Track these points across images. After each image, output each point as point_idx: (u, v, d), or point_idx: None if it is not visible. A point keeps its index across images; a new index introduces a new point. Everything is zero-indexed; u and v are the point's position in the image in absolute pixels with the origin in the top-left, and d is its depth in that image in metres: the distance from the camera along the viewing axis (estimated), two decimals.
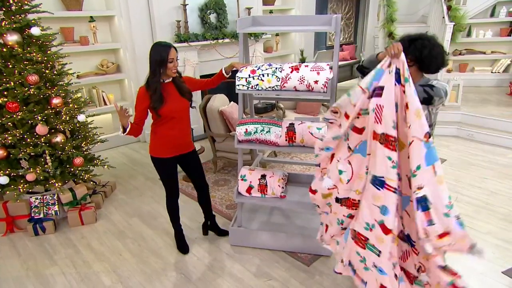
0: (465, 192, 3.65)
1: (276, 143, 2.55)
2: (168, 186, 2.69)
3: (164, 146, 2.54)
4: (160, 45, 2.35)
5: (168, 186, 2.69)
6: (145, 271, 2.67)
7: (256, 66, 2.45)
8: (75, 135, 3.37)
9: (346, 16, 9.02)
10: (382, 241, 1.75)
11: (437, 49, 1.96)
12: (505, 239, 2.92)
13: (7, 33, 2.83)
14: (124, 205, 3.59)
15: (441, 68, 2.04)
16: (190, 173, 2.80)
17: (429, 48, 1.94)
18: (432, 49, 1.94)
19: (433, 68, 2.01)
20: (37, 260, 2.82)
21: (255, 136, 2.55)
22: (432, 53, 1.94)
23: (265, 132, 2.53)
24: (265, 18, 2.78)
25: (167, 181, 2.68)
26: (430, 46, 1.94)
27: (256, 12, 5.78)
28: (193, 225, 3.18)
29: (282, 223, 3.01)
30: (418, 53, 1.95)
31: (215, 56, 5.34)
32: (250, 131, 2.55)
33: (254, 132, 2.54)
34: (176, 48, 2.37)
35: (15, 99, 2.89)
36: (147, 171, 4.30)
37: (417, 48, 1.94)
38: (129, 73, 4.93)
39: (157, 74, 2.33)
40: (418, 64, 2.00)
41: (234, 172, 4.24)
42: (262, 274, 2.60)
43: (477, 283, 2.47)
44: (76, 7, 4.39)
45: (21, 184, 3.01)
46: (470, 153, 4.57)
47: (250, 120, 2.60)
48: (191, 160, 2.71)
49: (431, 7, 5.87)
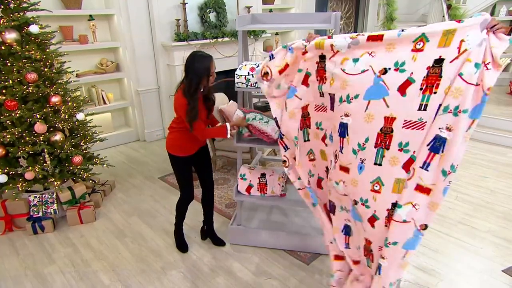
0: (465, 191, 3.65)
1: (271, 137, 2.51)
2: (183, 185, 2.68)
3: (187, 144, 2.54)
4: (203, 56, 2.31)
5: (183, 185, 2.68)
6: (144, 270, 2.66)
7: (256, 64, 2.44)
8: (74, 134, 3.36)
9: (346, 15, 9.00)
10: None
11: None
12: (505, 237, 2.91)
13: (5, 31, 2.82)
14: (123, 204, 3.58)
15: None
16: (201, 170, 2.78)
17: None
18: None
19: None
20: (36, 259, 2.81)
21: (252, 123, 2.51)
22: None
23: (263, 121, 2.50)
24: (265, 16, 2.77)
25: (182, 180, 2.67)
26: None
27: (256, 11, 5.77)
28: (193, 224, 3.17)
29: (282, 221, 3.00)
30: None
31: (215, 55, 5.28)
32: (248, 117, 2.52)
33: (253, 118, 2.51)
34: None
35: (14, 97, 2.88)
36: (146, 170, 4.29)
37: None
38: (129, 72, 4.92)
39: (198, 84, 2.30)
40: None
41: (234, 171, 4.23)
42: (261, 272, 2.60)
43: (477, 282, 2.47)
44: (75, 6, 4.37)
45: (19, 182, 3.00)
46: (470, 152, 4.56)
47: (252, 110, 2.59)
48: (203, 156, 2.72)
49: (431, 6, 5.87)
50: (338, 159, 1.86)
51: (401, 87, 1.56)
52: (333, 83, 1.77)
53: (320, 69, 1.86)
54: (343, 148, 1.80)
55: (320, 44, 1.80)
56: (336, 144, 1.85)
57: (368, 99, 1.64)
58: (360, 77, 1.65)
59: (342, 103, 1.74)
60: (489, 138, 4.84)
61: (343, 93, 1.73)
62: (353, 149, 1.75)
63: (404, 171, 1.64)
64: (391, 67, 1.58)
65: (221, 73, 5.58)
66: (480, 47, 1.42)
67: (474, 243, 2.86)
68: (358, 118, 1.70)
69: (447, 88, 1.50)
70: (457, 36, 1.44)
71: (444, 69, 1.48)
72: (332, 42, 1.75)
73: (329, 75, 1.80)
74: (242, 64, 2.51)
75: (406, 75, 1.55)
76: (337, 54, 1.75)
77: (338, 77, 1.74)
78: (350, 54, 1.70)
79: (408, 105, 1.57)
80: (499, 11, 6.32)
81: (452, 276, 2.52)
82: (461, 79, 1.45)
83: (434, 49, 1.49)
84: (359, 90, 1.66)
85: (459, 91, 1.45)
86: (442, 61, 1.48)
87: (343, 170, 1.84)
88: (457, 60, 1.45)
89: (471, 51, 1.43)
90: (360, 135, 1.72)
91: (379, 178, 1.71)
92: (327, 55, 1.82)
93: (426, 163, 1.57)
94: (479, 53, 1.42)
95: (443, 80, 1.50)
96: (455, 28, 1.44)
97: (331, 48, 1.77)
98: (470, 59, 1.42)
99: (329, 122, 1.92)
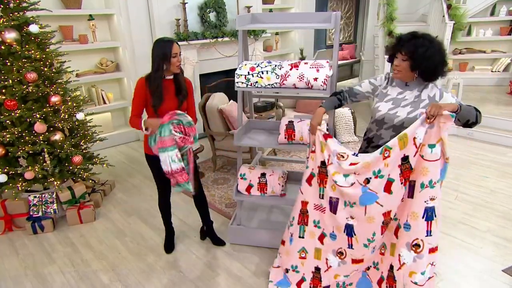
0: (465, 190, 3.64)
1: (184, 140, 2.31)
2: (157, 183, 2.68)
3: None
4: (162, 40, 2.32)
5: (157, 183, 2.68)
6: (144, 270, 2.66)
7: (256, 63, 2.44)
8: (74, 133, 3.36)
9: (346, 15, 9.01)
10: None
11: (432, 51, 1.86)
12: (505, 237, 2.91)
13: (5, 31, 2.82)
14: (123, 204, 3.58)
15: (434, 75, 1.93)
16: None
17: (425, 48, 1.86)
18: (427, 50, 1.86)
19: (422, 70, 1.91)
20: (36, 259, 2.80)
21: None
22: (426, 54, 1.86)
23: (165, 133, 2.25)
24: (265, 16, 2.76)
25: (156, 179, 2.66)
26: (427, 47, 1.86)
27: (256, 11, 5.77)
28: (193, 224, 3.17)
29: (282, 221, 3.00)
30: (413, 49, 1.88)
31: (215, 55, 5.33)
32: (160, 130, 2.26)
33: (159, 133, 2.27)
34: (178, 43, 2.34)
35: (14, 97, 2.88)
36: (145, 170, 4.28)
37: (414, 45, 1.90)
38: (129, 71, 4.92)
39: (160, 69, 2.29)
40: (410, 61, 1.92)
41: (234, 170, 4.23)
42: (261, 272, 2.59)
43: (477, 282, 2.46)
44: (75, 5, 4.37)
45: (19, 182, 3.00)
46: (470, 152, 4.56)
47: (173, 118, 2.29)
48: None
49: (431, 6, 5.87)
50: (346, 256, 2.16)
51: (386, 188, 1.92)
52: (335, 190, 2.08)
53: (321, 173, 2.15)
54: (353, 245, 2.10)
55: (322, 147, 2.13)
56: (341, 243, 2.14)
57: (364, 205, 1.98)
58: (351, 189, 2.01)
59: (347, 207, 2.06)
60: (489, 138, 4.83)
61: (345, 199, 2.05)
62: (363, 244, 2.06)
63: (394, 237, 2.03)
64: (371, 177, 1.95)
65: (221, 73, 5.59)
66: (426, 134, 1.80)
67: (474, 242, 2.86)
68: (361, 221, 2.02)
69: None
70: (410, 137, 1.83)
71: (412, 162, 1.85)
72: (330, 152, 2.09)
73: (330, 181, 2.09)
74: (242, 63, 2.51)
75: (386, 178, 1.91)
76: (330, 165, 2.09)
77: (335, 186, 2.07)
78: (341, 170, 2.05)
79: (397, 200, 1.93)
80: (499, 11, 6.32)
81: (452, 276, 2.51)
82: (423, 160, 1.83)
83: (397, 152, 1.87)
84: (354, 199, 2.00)
85: (425, 170, 1.83)
86: (407, 157, 1.85)
87: (356, 262, 2.16)
88: (417, 153, 1.84)
89: (422, 140, 1.81)
90: (368, 233, 2.02)
91: (384, 243, 2.11)
92: (326, 163, 2.11)
93: (428, 232, 1.89)
94: (429, 138, 1.80)
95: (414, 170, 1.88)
96: (406, 133, 1.84)
97: (328, 158, 2.10)
98: (423, 143, 1.82)
99: (327, 222, 2.18)
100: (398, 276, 1.97)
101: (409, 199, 1.93)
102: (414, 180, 1.89)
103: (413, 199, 1.90)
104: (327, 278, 2.25)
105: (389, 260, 2.06)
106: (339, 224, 2.09)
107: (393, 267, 2.02)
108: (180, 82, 2.42)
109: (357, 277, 2.24)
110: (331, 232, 2.17)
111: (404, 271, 1.94)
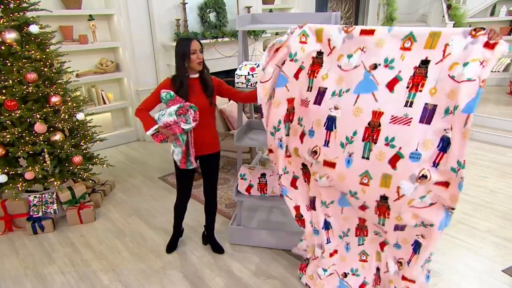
0: (465, 190, 3.64)
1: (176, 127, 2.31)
2: (178, 185, 2.64)
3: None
4: (182, 39, 2.36)
5: (178, 185, 2.64)
6: (144, 270, 2.66)
7: (256, 64, 2.44)
8: (74, 134, 3.36)
9: (346, 15, 9.00)
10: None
11: None
12: (505, 237, 2.91)
13: (5, 31, 2.82)
14: (123, 204, 3.58)
15: None
16: (204, 179, 2.66)
17: None
18: None
19: None
20: (36, 259, 2.81)
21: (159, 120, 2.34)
22: None
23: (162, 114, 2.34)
24: (264, 16, 2.77)
25: (178, 180, 2.63)
26: None
27: (256, 11, 5.77)
28: (193, 224, 3.17)
29: (282, 221, 3.00)
30: None
31: (215, 55, 5.33)
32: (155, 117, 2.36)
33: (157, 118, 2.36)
34: (200, 41, 2.35)
35: (14, 97, 2.88)
36: (146, 170, 4.29)
37: None
38: (129, 72, 4.92)
39: (182, 68, 2.32)
40: None
41: (234, 171, 4.23)
42: (261, 272, 2.60)
43: (477, 282, 2.47)
44: (75, 6, 4.37)
45: (19, 182, 3.00)
46: (470, 152, 4.56)
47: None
48: (207, 164, 2.57)
49: (431, 6, 5.88)
50: (319, 155, 1.89)
51: (389, 84, 1.65)
52: (326, 78, 1.82)
53: (316, 64, 1.90)
54: (329, 142, 1.85)
55: (319, 35, 1.85)
56: (318, 140, 1.90)
57: (358, 93, 1.72)
58: (352, 72, 1.74)
59: (334, 97, 1.79)
60: (489, 138, 4.83)
61: (337, 88, 1.79)
62: (341, 142, 1.79)
63: (390, 167, 1.68)
64: (381, 63, 1.66)
65: (221, 73, 5.58)
66: (465, 50, 1.50)
67: (474, 242, 2.86)
68: (346, 111, 1.76)
69: (433, 88, 1.58)
70: (442, 39, 1.54)
71: (430, 70, 1.57)
72: (329, 36, 1.81)
73: (324, 71, 1.86)
74: (242, 64, 2.51)
75: (395, 73, 1.63)
76: (333, 51, 1.82)
77: (335, 73, 1.80)
78: (345, 50, 1.77)
79: (395, 101, 1.64)
80: (499, 11, 6.32)
81: (452, 276, 2.52)
82: (453, 81, 1.52)
83: (421, 50, 1.58)
84: (350, 84, 1.75)
85: (454, 93, 1.51)
86: (428, 62, 1.57)
87: (328, 165, 1.87)
88: (441, 63, 1.53)
89: (456, 55, 1.50)
90: (348, 129, 1.76)
91: (367, 171, 1.74)
92: (325, 51, 1.87)
93: (435, 163, 1.64)
94: (466, 56, 1.49)
95: (428, 81, 1.58)
96: (440, 32, 1.53)
97: (328, 44, 1.83)
98: (457, 62, 1.50)
99: (309, 117, 1.95)
100: (394, 206, 1.75)
101: (424, 124, 1.61)
102: (436, 104, 1.57)
103: (430, 125, 1.60)
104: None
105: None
106: (320, 117, 1.88)
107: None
108: (205, 79, 2.43)
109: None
110: (310, 129, 1.98)
111: (402, 201, 1.72)
